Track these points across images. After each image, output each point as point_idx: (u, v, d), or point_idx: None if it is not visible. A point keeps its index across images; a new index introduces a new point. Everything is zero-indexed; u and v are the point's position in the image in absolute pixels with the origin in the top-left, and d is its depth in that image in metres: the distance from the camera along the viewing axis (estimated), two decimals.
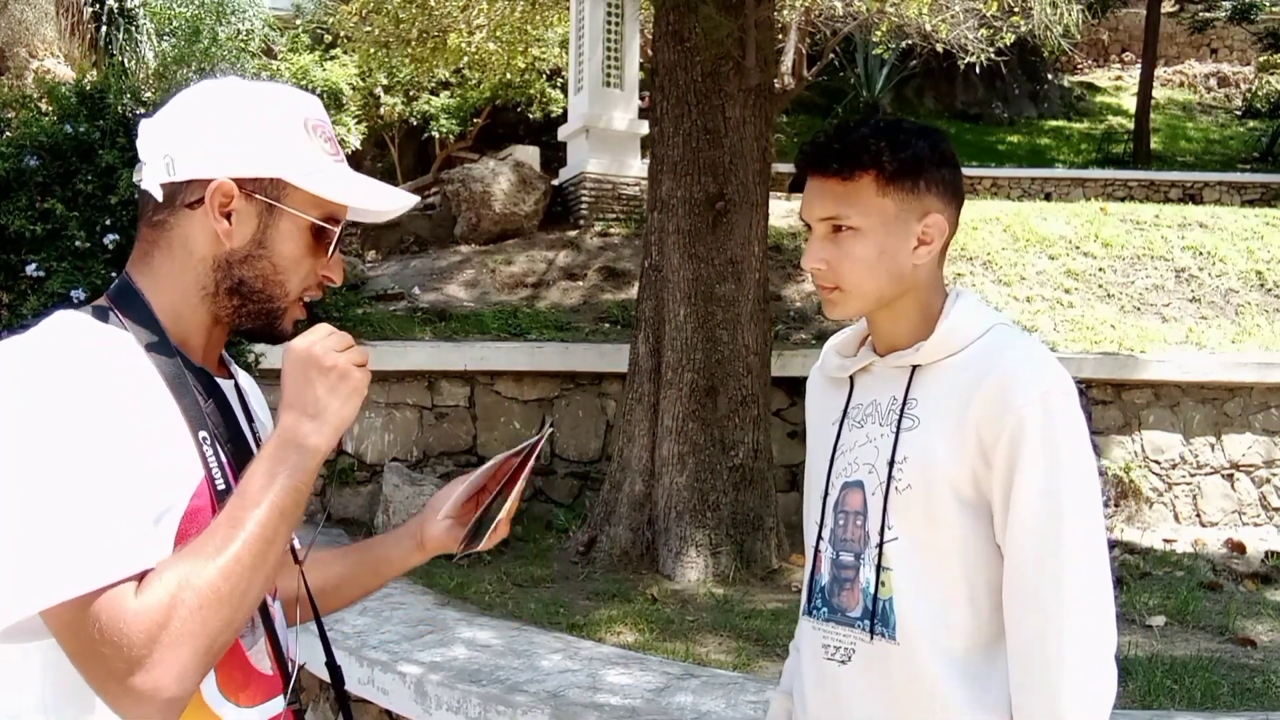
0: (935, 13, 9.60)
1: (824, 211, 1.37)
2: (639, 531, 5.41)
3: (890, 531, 1.36)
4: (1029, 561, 1.28)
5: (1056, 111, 17.78)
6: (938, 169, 1.37)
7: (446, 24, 10.47)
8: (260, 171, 1.13)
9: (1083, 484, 1.28)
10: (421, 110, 12.22)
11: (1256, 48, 18.99)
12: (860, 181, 1.34)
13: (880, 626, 1.35)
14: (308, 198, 1.15)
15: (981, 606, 1.33)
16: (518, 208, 9.82)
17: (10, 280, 5.60)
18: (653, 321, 5.55)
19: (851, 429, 1.45)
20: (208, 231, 1.13)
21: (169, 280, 1.14)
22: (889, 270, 1.37)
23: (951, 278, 9.01)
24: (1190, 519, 7.38)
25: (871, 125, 1.37)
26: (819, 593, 1.45)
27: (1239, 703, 3.50)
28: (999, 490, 1.30)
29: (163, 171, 1.12)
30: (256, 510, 1.02)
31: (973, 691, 1.31)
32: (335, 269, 1.22)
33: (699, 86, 5.37)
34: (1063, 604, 1.26)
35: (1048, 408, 1.28)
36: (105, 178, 5.71)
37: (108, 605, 0.94)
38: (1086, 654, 1.26)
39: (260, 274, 1.15)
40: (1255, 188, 12.73)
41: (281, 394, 1.09)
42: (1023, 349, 1.34)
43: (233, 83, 1.17)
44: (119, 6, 9.59)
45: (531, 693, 3.20)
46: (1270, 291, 9.19)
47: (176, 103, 1.16)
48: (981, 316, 1.40)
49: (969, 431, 1.31)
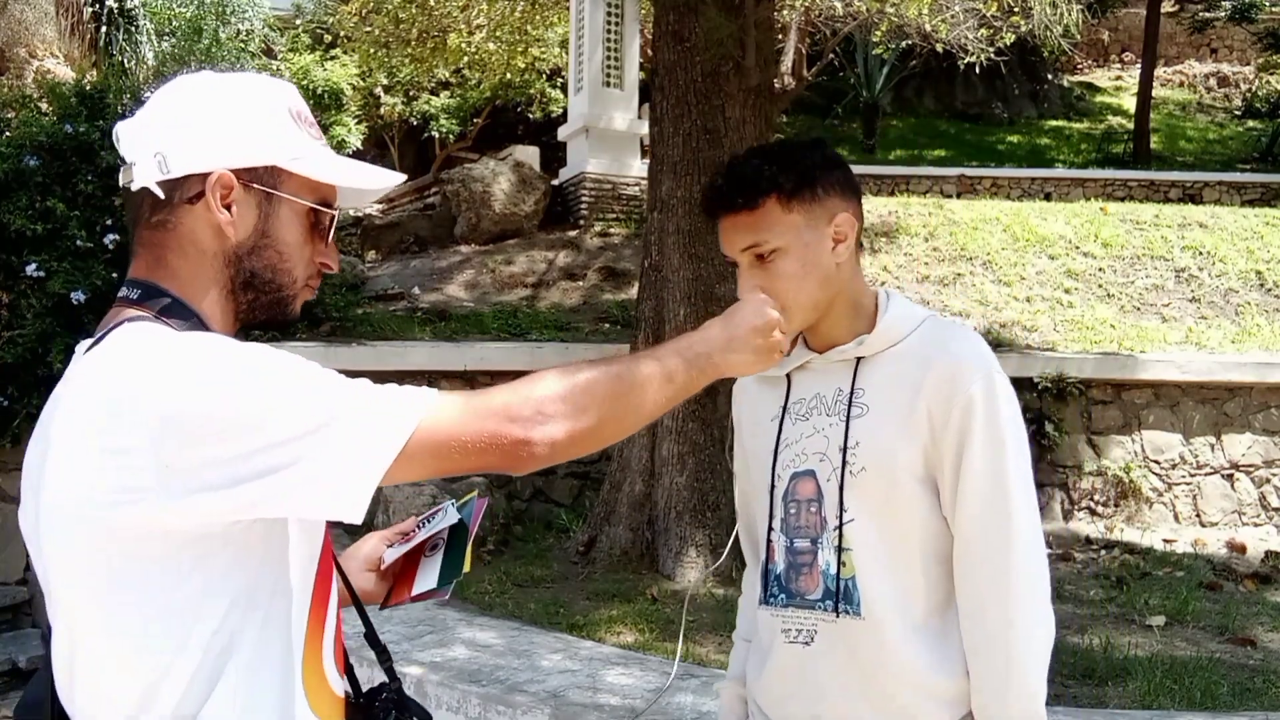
0: (935, 13, 9.60)
1: (743, 243, 1.47)
2: (639, 531, 5.41)
3: (847, 514, 1.47)
4: (980, 529, 1.41)
5: (1056, 111, 17.78)
6: (829, 172, 1.49)
7: (446, 24, 10.47)
8: (256, 160, 1.12)
9: (1022, 456, 1.43)
10: (421, 110, 12.22)
11: (1256, 48, 18.98)
12: (765, 207, 1.46)
13: (845, 605, 1.46)
14: (303, 183, 1.15)
15: (934, 575, 1.46)
16: (518, 208, 9.82)
17: (10, 280, 5.60)
18: (653, 321, 5.55)
19: (795, 422, 1.55)
20: (211, 226, 1.11)
21: (194, 283, 1.13)
22: (817, 277, 1.48)
23: (952, 278, 9.02)
24: (1190, 519, 7.38)
25: (759, 153, 1.49)
26: (774, 581, 1.54)
27: (1239, 703, 3.50)
28: (948, 466, 1.43)
29: (156, 169, 1.10)
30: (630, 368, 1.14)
31: (934, 654, 1.44)
32: (332, 255, 1.22)
33: (699, 86, 5.37)
34: (1010, 566, 1.40)
35: (991, 389, 1.42)
36: (105, 178, 5.71)
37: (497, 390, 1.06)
38: (1032, 607, 1.41)
39: (269, 264, 1.15)
40: (1255, 188, 12.72)
41: (729, 317, 1.28)
42: (964, 337, 1.48)
43: (209, 76, 1.16)
44: (119, 6, 9.59)
45: (531, 693, 3.20)
46: (1270, 291, 9.19)
47: (157, 101, 1.14)
48: (914, 310, 1.53)
49: (920, 413, 1.43)
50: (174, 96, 1.14)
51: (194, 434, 0.95)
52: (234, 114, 1.12)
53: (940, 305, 8.59)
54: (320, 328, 7.00)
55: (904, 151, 14.84)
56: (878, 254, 9.37)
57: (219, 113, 1.12)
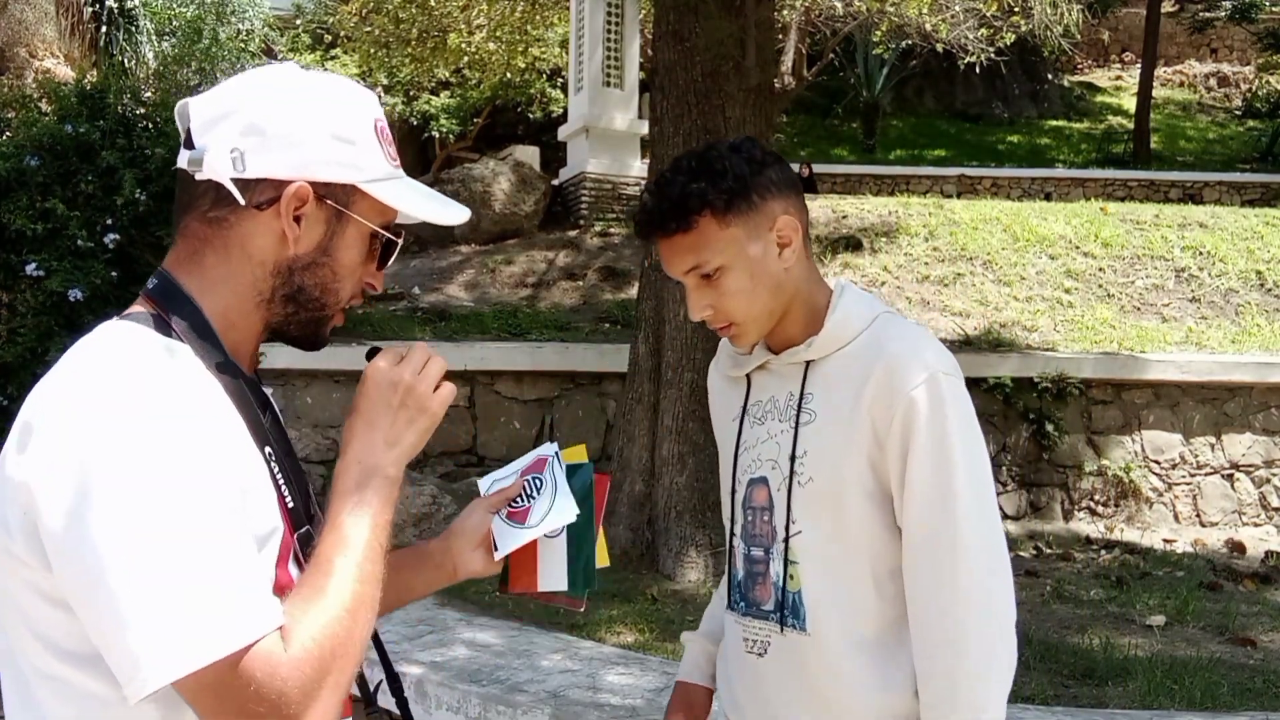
0: (935, 13, 9.61)
1: (685, 265, 1.40)
2: (639, 531, 5.41)
3: (795, 525, 1.41)
4: (926, 538, 1.33)
5: (1056, 111, 17.78)
6: (762, 175, 1.40)
7: (446, 24, 10.47)
8: (337, 177, 1.06)
9: (973, 460, 1.34)
10: (421, 110, 12.22)
11: (1256, 48, 18.99)
12: (700, 226, 1.37)
13: (791, 619, 1.41)
14: (373, 205, 1.10)
15: (886, 590, 1.38)
16: (518, 208, 9.82)
17: (10, 280, 5.60)
18: (653, 321, 5.55)
19: (753, 425, 1.50)
20: (272, 234, 1.05)
21: (223, 284, 1.06)
22: (768, 286, 1.41)
23: (952, 278, 9.02)
24: (1190, 519, 7.38)
25: (684, 169, 1.40)
26: (736, 587, 1.50)
27: (1239, 703, 3.50)
28: (895, 473, 1.35)
29: (230, 166, 1.03)
30: (361, 548, 0.99)
31: (883, 673, 1.37)
32: (378, 276, 1.16)
33: (699, 86, 5.37)
34: (959, 578, 1.31)
35: (935, 390, 1.33)
36: (106, 178, 5.71)
37: (262, 659, 0.88)
38: (986, 625, 1.31)
39: (320, 282, 1.09)
40: (1255, 188, 12.74)
41: (357, 413, 1.07)
42: (907, 336, 1.39)
43: (296, 73, 1.09)
44: (119, 6, 9.59)
45: (531, 693, 3.20)
46: (1270, 291, 9.19)
47: (240, 89, 1.07)
48: (866, 307, 1.44)
49: (863, 419, 1.36)
50: (260, 90, 1.06)
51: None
52: (322, 125, 1.06)
53: (940, 305, 8.60)
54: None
55: (904, 151, 14.85)
56: (878, 254, 9.37)
57: (307, 121, 1.05)
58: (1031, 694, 3.52)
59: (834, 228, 9.84)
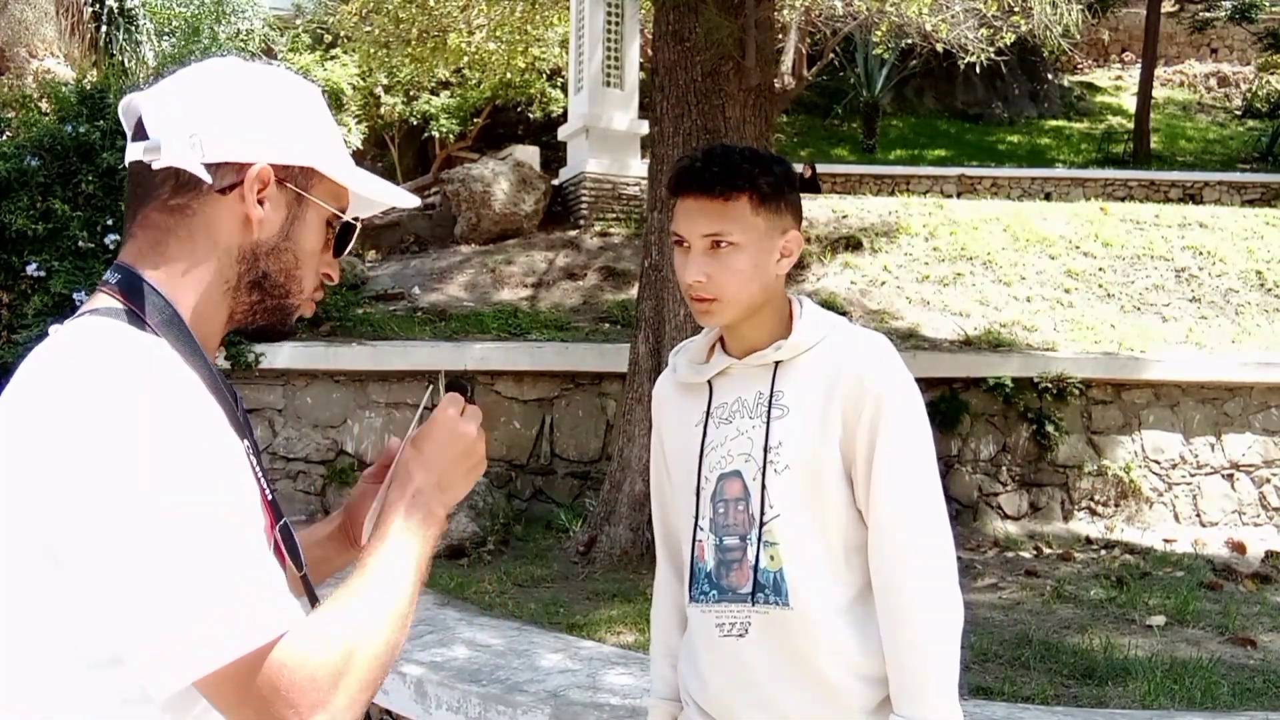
0: (935, 13, 9.60)
1: (706, 229, 1.53)
2: (639, 531, 5.41)
3: (772, 510, 1.55)
4: (891, 517, 1.51)
5: (1056, 111, 17.77)
6: (792, 192, 1.59)
7: (446, 24, 10.47)
8: (296, 159, 1.07)
9: (929, 452, 1.54)
10: (421, 110, 12.21)
11: (1256, 48, 18.98)
12: (739, 201, 1.53)
13: (774, 596, 1.55)
14: (331, 189, 1.11)
15: (854, 562, 1.56)
16: (518, 208, 9.82)
17: (11, 280, 5.60)
18: (653, 321, 5.55)
19: (719, 425, 1.62)
20: (235, 219, 1.05)
21: (190, 274, 1.05)
22: (760, 281, 1.56)
23: (952, 278, 9.02)
24: (1190, 519, 7.38)
25: (741, 152, 1.56)
26: (704, 579, 1.61)
27: (1239, 703, 3.50)
28: (861, 460, 1.52)
29: (188, 151, 1.02)
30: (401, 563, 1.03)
31: (860, 637, 1.53)
32: (335, 265, 1.17)
33: (699, 86, 5.37)
34: (919, 551, 1.50)
35: (899, 389, 1.52)
36: (106, 178, 5.71)
37: (286, 654, 0.90)
38: (938, 589, 1.50)
39: (284, 267, 1.10)
40: (1255, 188, 12.73)
41: (422, 452, 1.11)
42: (873, 341, 1.58)
43: (242, 63, 1.10)
44: (119, 6, 9.59)
45: (531, 693, 3.20)
46: (1270, 291, 9.19)
47: (188, 80, 1.07)
48: (826, 316, 1.63)
49: (835, 413, 1.53)
50: (210, 78, 1.07)
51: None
52: (279, 107, 1.07)
53: (940, 305, 8.60)
54: (320, 328, 7.00)
55: (904, 151, 14.84)
56: (878, 254, 9.37)
57: (264, 103, 1.06)
58: (1031, 694, 3.52)
59: (834, 227, 9.84)
